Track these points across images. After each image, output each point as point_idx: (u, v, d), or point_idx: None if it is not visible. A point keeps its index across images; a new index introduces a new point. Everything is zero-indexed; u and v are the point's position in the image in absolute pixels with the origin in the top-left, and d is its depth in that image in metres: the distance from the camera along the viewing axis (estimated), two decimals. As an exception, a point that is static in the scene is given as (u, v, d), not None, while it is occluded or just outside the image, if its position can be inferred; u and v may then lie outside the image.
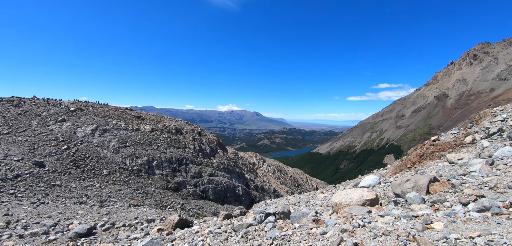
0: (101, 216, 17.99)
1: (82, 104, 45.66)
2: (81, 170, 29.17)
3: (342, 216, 6.69)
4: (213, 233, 7.27)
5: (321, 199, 12.97)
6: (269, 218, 7.66)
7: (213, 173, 42.58)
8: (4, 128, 33.35)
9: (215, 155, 49.92)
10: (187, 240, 7.32)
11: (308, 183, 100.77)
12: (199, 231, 8.14)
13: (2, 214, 15.98)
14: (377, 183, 11.47)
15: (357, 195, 7.73)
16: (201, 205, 35.16)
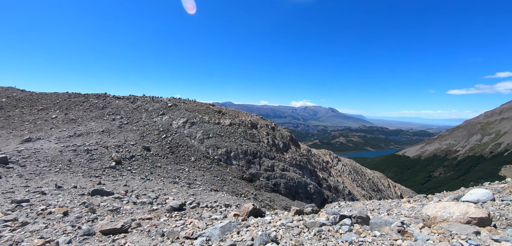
0: (189, 195, 20.89)
1: (176, 100, 53.98)
2: (175, 155, 34.64)
3: (437, 232, 5.62)
4: (285, 226, 7.36)
5: (408, 209, 11.26)
6: (344, 220, 7.19)
7: (285, 168, 43.07)
8: (124, 119, 42.90)
9: (288, 150, 50.28)
10: (260, 228, 7.67)
11: (391, 189, 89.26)
12: (271, 222, 8.40)
13: (123, 185, 20.69)
14: (489, 199, 9.09)
15: (459, 210, 6.32)
16: (273, 197, 36.18)
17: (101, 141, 32.84)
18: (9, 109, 50.97)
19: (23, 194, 14.57)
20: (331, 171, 70.92)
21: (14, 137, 39.37)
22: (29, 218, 9.52)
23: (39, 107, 51.30)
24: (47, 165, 23.89)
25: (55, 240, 7.27)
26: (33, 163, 24.11)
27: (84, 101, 52.62)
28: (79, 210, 10.95)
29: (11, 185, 17.07)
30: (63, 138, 34.31)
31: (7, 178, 19.38)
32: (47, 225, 8.72)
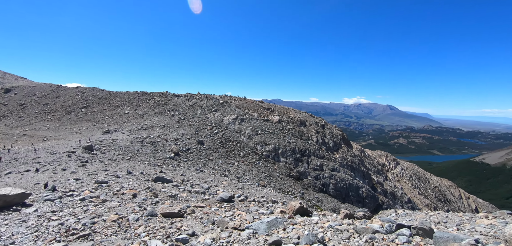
0: (237, 189, 21.77)
1: (227, 98, 56.61)
2: (225, 150, 36.47)
3: (526, 256, 4.64)
4: (333, 228, 7.07)
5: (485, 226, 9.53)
6: (402, 230, 6.51)
7: (335, 168, 41.14)
8: (182, 115, 46.97)
9: (338, 150, 47.87)
10: (307, 227, 7.54)
11: (462, 200, 76.90)
12: (318, 223, 8.16)
13: (180, 174, 22.77)
14: None
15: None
16: (321, 198, 34.99)
17: (162, 134, 36.72)
18: (94, 106, 61.06)
19: (103, 176, 17.36)
20: (388, 175, 64.79)
21: (97, 128, 47.06)
22: (108, 196, 11.31)
23: (115, 104, 60.15)
24: (121, 153, 27.89)
25: (126, 217, 8.48)
26: (110, 151, 28.47)
27: (149, 99, 59.55)
28: (145, 193, 12.50)
29: (95, 169, 20.49)
30: (133, 131, 39.55)
31: (91, 162, 23.34)
32: (121, 203, 10.22)
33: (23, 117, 58.63)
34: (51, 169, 19.94)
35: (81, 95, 67.57)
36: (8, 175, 19.46)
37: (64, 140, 38.63)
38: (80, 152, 26.75)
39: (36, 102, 65.98)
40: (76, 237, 6.75)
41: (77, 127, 49.69)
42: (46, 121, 55.40)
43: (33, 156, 25.96)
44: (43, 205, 9.75)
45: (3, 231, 7.41)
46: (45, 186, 13.94)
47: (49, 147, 31.83)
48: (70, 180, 15.54)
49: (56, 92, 71.72)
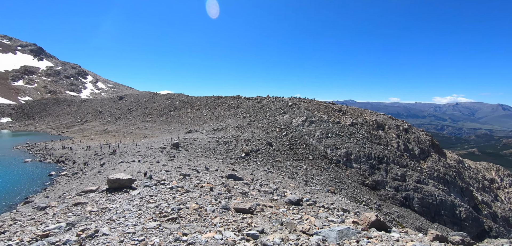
0: (305, 192, 21.32)
1: (296, 100, 56.28)
2: (294, 152, 36.31)
3: None
4: (419, 249, 6.09)
5: None
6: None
7: (421, 179, 35.29)
8: (252, 117, 49.30)
9: (426, 158, 40.86)
10: (385, 244, 6.75)
11: None
12: (399, 241, 7.18)
13: (250, 173, 23.95)
14: None
15: None
16: (402, 213, 30.58)
17: (235, 135, 39.47)
18: (180, 109, 70.79)
19: (186, 170, 19.92)
20: (498, 194, 51.22)
21: (182, 128, 54.34)
22: (190, 188, 12.93)
23: (196, 107, 68.27)
24: (200, 151, 31.41)
25: (205, 208, 9.50)
26: (192, 148, 32.42)
27: (224, 103, 65.05)
28: (220, 188, 13.70)
29: (180, 163, 23.71)
30: (210, 131, 43.97)
31: (177, 157, 27.09)
32: (200, 195, 11.52)
33: (131, 119, 73.16)
34: (148, 161, 24.18)
35: (171, 101, 79.52)
36: (121, 163, 24.58)
37: (158, 138, 46.26)
38: (169, 148, 31.48)
39: (139, 107, 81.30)
40: (167, 219, 8.00)
41: (167, 127, 58.73)
42: (145, 122, 67.55)
43: (137, 150, 32.06)
44: (144, 190, 11.93)
45: (118, 206, 9.45)
46: (144, 174, 16.98)
47: (147, 143, 38.69)
48: (162, 171, 18.46)
49: (153, 99, 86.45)
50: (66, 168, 29.63)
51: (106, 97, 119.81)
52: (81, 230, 6.99)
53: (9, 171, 29.71)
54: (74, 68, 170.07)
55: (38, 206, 11.48)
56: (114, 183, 12.18)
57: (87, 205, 10.17)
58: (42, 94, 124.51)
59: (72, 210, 9.57)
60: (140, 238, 6.44)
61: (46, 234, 6.98)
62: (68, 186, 20.91)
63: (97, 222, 7.87)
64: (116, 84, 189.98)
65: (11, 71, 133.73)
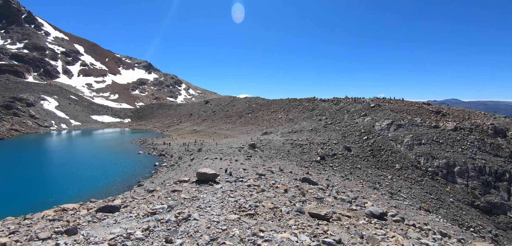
0: (390, 206, 18.80)
1: (380, 100, 50.45)
2: (376, 159, 32.63)
3: None
4: None
5: None
6: None
7: None
8: (329, 120, 47.11)
9: None
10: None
11: None
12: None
13: (325, 179, 22.92)
14: None
15: None
16: (538, 250, 22.89)
17: (310, 138, 38.62)
18: (256, 111, 74.50)
19: (262, 170, 20.79)
20: None
21: (258, 130, 56.99)
22: (265, 187, 13.45)
23: (271, 110, 70.40)
24: (275, 152, 32.18)
25: (280, 208, 9.69)
26: (267, 149, 33.59)
27: (298, 105, 64.67)
28: (294, 190, 13.70)
29: (256, 163, 24.93)
30: (285, 133, 44.48)
31: (254, 157, 28.56)
32: (275, 195, 11.82)
33: (214, 120, 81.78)
34: (228, 159, 26.46)
35: (248, 104, 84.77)
36: (206, 159, 27.79)
37: (237, 138, 50.07)
38: (247, 148, 33.56)
39: (222, 110, 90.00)
40: (245, 214, 8.58)
41: (245, 128, 62.84)
42: (226, 123, 74.17)
43: (219, 148, 35.58)
44: (225, 185, 13.15)
45: (205, 197, 10.76)
46: (225, 170, 18.68)
47: (227, 142, 42.38)
48: (240, 169, 19.87)
49: (233, 102, 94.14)
50: (166, 160, 35.69)
51: (196, 102, 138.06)
52: (178, 212, 8.33)
53: (128, 159, 38.14)
54: (172, 78, 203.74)
55: (147, 189, 14.30)
56: (202, 176, 13.93)
57: (182, 192, 12.00)
58: (150, 101, 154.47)
59: (171, 195, 11.47)
60: (223, 227, 7.16)
61: (154, 212, 8.66)
62: (167, 175, 25.17)
63: (189, 208, 9.20)
64: (203, 90, 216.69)
65: (131, 83, 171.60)
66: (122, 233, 6.50)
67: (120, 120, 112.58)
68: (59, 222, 8.38)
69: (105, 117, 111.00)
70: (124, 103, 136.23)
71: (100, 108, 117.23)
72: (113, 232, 6.65)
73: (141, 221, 7.77)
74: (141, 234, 6.47)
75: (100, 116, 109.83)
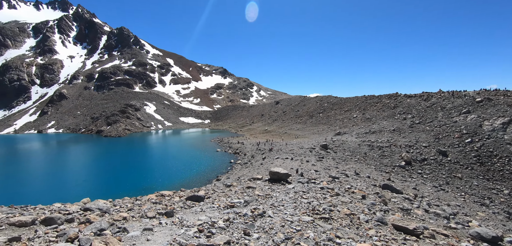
0: (507, 230, 14.77)
1: (489, 93, 40.20)
2: (485, 167, 26.18)
3: None
4: None
5: None
6: None
7: None
8: (416, 119, 40.69)
9: None
10: None
11: None
12: None
13: (412, 187, 19.88)
14: None
15: None
16: None
17: (392, 139, 34.27)
18: (328, 111, 71.16)
19: (334, 172, 19.73)
20: None
21: (330, 130, 54.34)
22: (340, 191, 12.72)
23: (345, 108, 65.89)
24: (349, 154, 29.98)
25: (357, 215, 9.00)
26: (340, 151, 31.62)
27: (377, 102, 58.28)
28: (373, 197, 12.46)
29: (328, 164, 23.84)
30: (361, 134, 40.87)
31: (326, 159, 27.38)
32: (351, 201, 11.04)
33: (285, 120, 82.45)
34: (299, 159, 26.21)
35: (319, 103, 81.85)
36: (277, 159, 28.32)
37: (307, 138, 49.07)
38: (318, 149, 32.48)
39: (292, 110, 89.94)
40: (319, 217, 8.35)
41: (316, 128, 60.94)
42: (297, 123, 73.65)
43: (289, 148, 35.66)
44: (297, 185, 13.11)
45: (278, 195, 11.02)
46: (296, 171, 18.59)
47: (298, 142, 42.04)
48: (311, 170, 19.41)
49: (303, 102, 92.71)
50: (240, 158, 38.19)
51: (266, 103, 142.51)
52: (254, 208, 8.83)
53: (208, 156, 42.62)
54: (245, 81, 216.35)
55: (225, 183, 15.67)
56: (274, 175, 14.31)
57: (256, 189, 12.64)
58: (226, 103, 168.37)
59: (246, 191, 12.24)
60: (297, 227, 7.18)
61: (232, 205, 9.46)
62: (241, 172, 26.92)
63: (263, 205, 9.61)
64: (273, 91, 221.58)
65: (210, 88, 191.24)
66: (208, 221, 7.36)
67: (201, 121, 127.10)
68: (159, 205, 10.16)
69: (190, 118, 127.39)
70: (205, 106, 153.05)
71: (186, 111, 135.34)
72: (200, 219, 7.61)
73: (222, 212, 8.60)
74: (223, 224, 7.16)
75: (186, 118, 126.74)
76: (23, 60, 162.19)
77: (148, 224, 7.31)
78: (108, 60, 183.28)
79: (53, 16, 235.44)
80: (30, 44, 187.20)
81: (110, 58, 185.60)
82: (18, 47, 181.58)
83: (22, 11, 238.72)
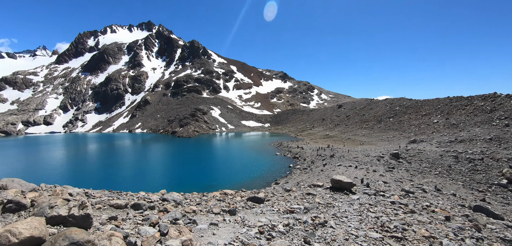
0: None
1: None
2: None
3: None
4: None
5: None
6: None
7: None
8: (524, 126, 32.29)
9: None
10: None
11: None
12: None
13: (520, 213, 15.77)
14: None
15: None
16: None
17: (487, 151, 28.09)
18: (400, 115, 63.31)
19: (408, 186, 17.34)
20: None
21: (403, 137, 48.19)
22: (416, 208, 11.09)
23: (422, 113, 57.36)
24: (428, 166, 25.88)
25: (439, 239, 7.68)
26: (416, 161, 27.62)
27: (466, 105, 48.76)
28: (461, 220, 10.44)
29: (400, 176, 21.14)
30: (443, 143, 34.82)
31: (397, 169, 24.35)
32: (431, 221, 9.49)
33: (348, 125, 77.28)
34: (365, 168, 24.07)
35: (389, 106, 73.62)
36: (339, 166, 26.72)
37: (375, 146, 44.67)
38: (388, 158, 29.18)
39: (356, 114, 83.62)
40: (390, 236, 7.47)
41: (385, 135, 54.96)
42: (362, 129, 68.04)
43: (353, 156, 33.15)
44: (363, 197, 12.06)
45: (340, 205, 10.36)
46: (361, 181, 17.14)
47: (364, 150, 38.69)
48: (379, 182, 17.56)
49: (370, 105, 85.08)
50: (299, 163, 37.54)
51: (328, 107, 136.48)
52: (314, 216, 8.54)
53: (267, 159, 43.34)
54: (305, 85, 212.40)
55: (285, 188, 15.64)
56: (336, 184, 13.54)
57: (316, 196, 12.20)
58: (286, 107, 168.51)
59: (306, 198, 11.94)
60: (363, 243, 6.60)
61: (292, 210, 9.37)
62: (301, 177, 26.40)
63: (324, 214, 9.19)
64: (335, 94, 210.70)
65: (270, 92, 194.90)
66: (268, 223, 7.48)
67: (261, 125, 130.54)
68: (223, 203, 10.86)
69: (251, 122, 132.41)
70: (265, 110, 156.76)
71: (247, 115, 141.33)
72: (261, 221, 7.80)
73: (282, 216, 8.61)
74: (282, 228, 7.17)
75: (247, 122, 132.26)
76: (120, 73, 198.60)
77: (213, 219, 7.92)
78: (181, 70, 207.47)
79: (141, 35, 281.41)
80: (125, 60, 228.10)
81: (183, 68, 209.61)
82: (116, 63, 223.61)
83: (120, 34, 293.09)
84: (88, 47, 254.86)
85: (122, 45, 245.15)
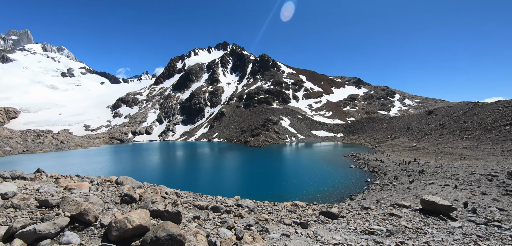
0: None
1: None
2: None
3: None
4: None
5: None
6: None
7: None
8: None
9: None
10: None
11: None
12: None
13: None
14: None
15: None
16: None
17: None
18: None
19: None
20: None
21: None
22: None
23: (560, 119, 42.75)
24: None
25: None
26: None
27: None
28: None
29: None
30: None
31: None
32: None
33: (443, 135, 64.78)
34: (469, 189, 19.54)
35: (503, 111, 58.10)
36: (431, 184, 22.56)
37: (483, 161, 35.82)
38: (504, 177, 22.88)
39: (454, 121, 69.37)
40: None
41: (498, 147, 43.48)
42: (463, 139, 55.84)
43: (451, 173, 27.42)
44: (467, 225, 9.79)
45: (435, 233, 8.69)
46: (464, 205, 13.96)
47: (466, 166, 31.56)
48: (492, 208, 13.91)
49: (473, 110, 69.35)
50: (379, 178, 33.57)
51: (414, 113, 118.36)
52: (400, 241, 7.44)
53: (340, 172, 40.50)
54: (383, 90, 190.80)
55: (362, 205, 14.25)
56: (429, 205, 11.45)
57: (401, 219, 10.61)
58: (361, 115, 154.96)
59: (388, 219, 10.54)
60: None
61: (371, 231, 8.42)
62: (381, 194, 23.49)
63: (413, 241, 7.88)
64: (424, 98, 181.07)
65: (342, 100, 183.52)
66: (343, 242, 6.96)
67: (333, 135, 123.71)
68: (294, 214, 10.72)
69: (322, 132, 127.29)
70: (337, 119, 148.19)
71: (317, 125, 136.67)
72: (336, 239, 7.32)
73: (359, 237, 7.86)
74: (360, 250, 6.53)
75: (318, 132, 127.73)
76: (201, 89, 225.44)
77: (285, 230, 7.91)
78: (252, 83, 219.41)
79: (218, 55, 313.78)
80: (205, 78, 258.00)
81: (254, 81, 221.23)
82: (198, 80, 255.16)
83: (201, 56, 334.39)
84: (177, 69, 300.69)
85: (203, 65, 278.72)
